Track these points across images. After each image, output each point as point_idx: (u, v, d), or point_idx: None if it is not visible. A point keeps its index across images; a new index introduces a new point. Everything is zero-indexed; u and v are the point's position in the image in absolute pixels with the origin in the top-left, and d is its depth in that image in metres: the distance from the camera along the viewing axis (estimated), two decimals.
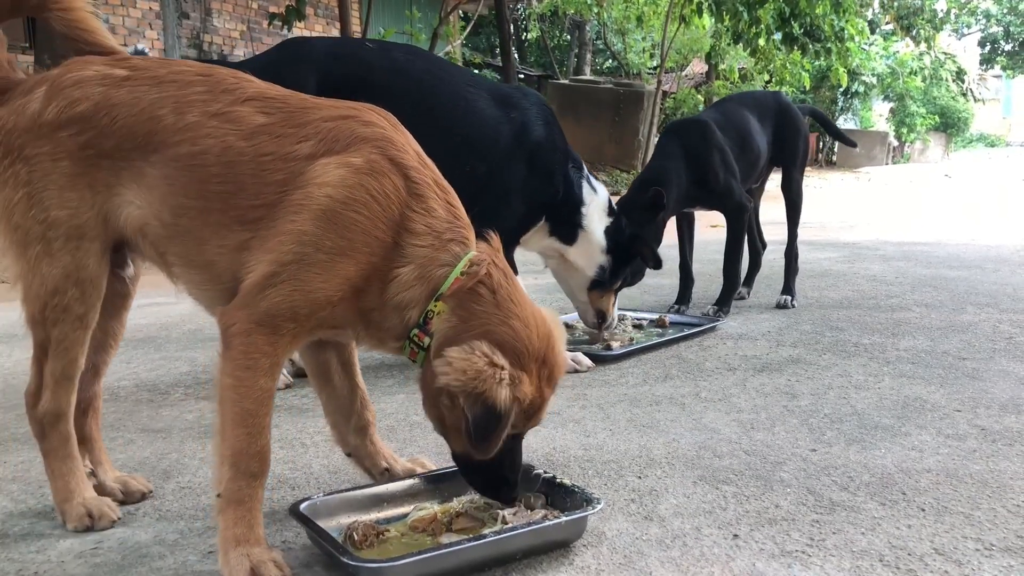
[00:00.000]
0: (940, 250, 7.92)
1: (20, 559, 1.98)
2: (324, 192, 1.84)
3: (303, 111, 1.96)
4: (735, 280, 4.97)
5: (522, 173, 3.71)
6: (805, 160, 5.38)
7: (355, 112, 1.98)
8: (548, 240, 4.00)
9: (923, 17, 27.49)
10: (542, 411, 1.96)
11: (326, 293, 1.83)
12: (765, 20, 14.02)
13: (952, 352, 3.86)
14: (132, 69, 2.03)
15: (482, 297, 1.91)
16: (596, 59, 30.56)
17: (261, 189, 1.88)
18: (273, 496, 2.33)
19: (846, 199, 16.38)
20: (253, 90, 2.00)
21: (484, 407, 1.80)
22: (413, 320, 1.93)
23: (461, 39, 16.59)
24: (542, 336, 1.93)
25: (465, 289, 1.91)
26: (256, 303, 1.82)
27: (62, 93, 1.98)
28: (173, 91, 1.98)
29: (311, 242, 1.82)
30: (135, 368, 3.95)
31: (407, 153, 1.94)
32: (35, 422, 2.12)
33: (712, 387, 3.38)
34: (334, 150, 1.89)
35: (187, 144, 1.92)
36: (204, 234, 1.93)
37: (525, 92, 3.97)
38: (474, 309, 1.90)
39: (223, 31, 15.31)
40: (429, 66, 3.69)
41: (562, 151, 3.85)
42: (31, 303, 2.04)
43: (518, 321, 1.90)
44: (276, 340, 1.83)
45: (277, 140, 1.91)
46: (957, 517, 2.12)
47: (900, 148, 34.26)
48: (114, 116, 1.96)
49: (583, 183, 3.92)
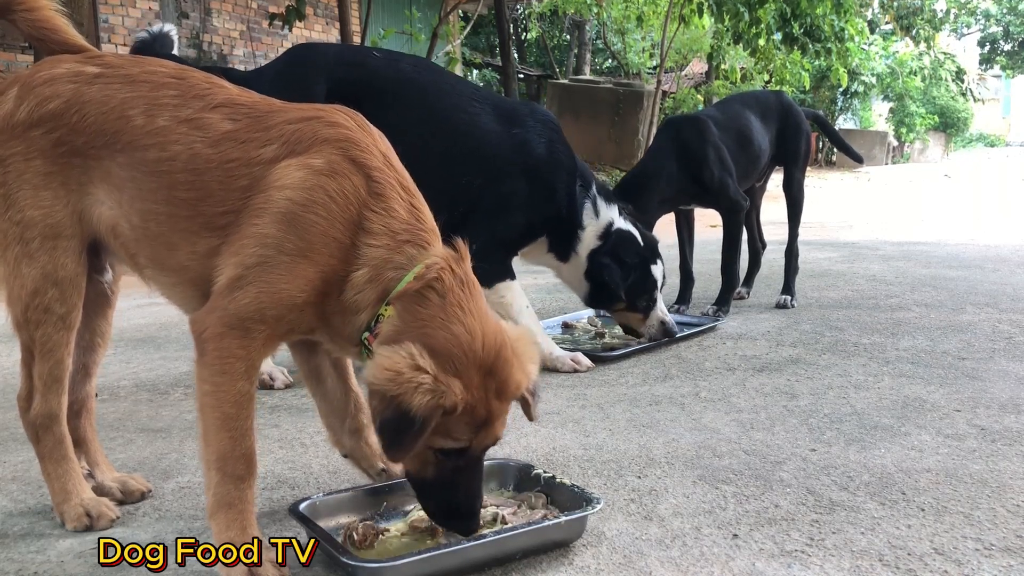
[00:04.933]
0: (940, 250, 7.92)
1: (20, 559, 1.98)
2: (284, 195, 1.82)
3: (269, 115, 1.95)
4: (734, 280, 4.97)
5: (520, 188, 3.73)
6: (807, 160, 5.38)
7: (320, 113, 1.95)
8: (546, 256, 4.03)
9: (922, 17, 27.51)
10: (494, 425, 1.85)
11: (290, 294, 1.81)
12: (765, 20, 14.01)
13: (952, 352, 3.86)
14: (104, 67, 2.02)
15: (429, 301, 1.82)
16: (596, 59, 30.55)
17: (227, 195, 1.87)
18: (273, 496, 2.33)
19: (846, 199, 16.38)
20: (223, 96, 1.99)
21: (395, 410, 1.71)
22: (363, 323, 1.88)
23: (461, 39, 16.57)
24: (489, 347, 1.81)
25: (412, 292, 1.83)
26: (224, 307, 1.81)
27: (33, 92, 1.98)
28: (145, 91, 1.97)
29: (273, 244, 1.81)
30: (134, 368, 3.95)
31: (370, 153, 1.91)
32: (29, 426, 2.11)
33: (712, 387, 3.38)
34: (296, 152, 1.87)
35: (155, 149, 1.92)
36: (174, 239, 1.93)
37: (533, 109, 3.97)
38: (418, 312, 1.82)
39: (222, 31, 15.30)
40: (435, 78, 3.73)
41: (567, 170, 3.85)
42: (14, 305, 2.04)
43: (461, 327, 1.80)
44: (248, 343, 1.82)
45: (242, 146, 1.90)
46: (957, 517, 2.12)
47: (900, 148, 34.24)
48: (84, 113, 1.95)
49: (587, 205, 3.91)
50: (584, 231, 3.91)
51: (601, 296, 4.04)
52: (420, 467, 1.88)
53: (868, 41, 26.36)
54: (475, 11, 16.42)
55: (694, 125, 4.85)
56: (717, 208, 4.92)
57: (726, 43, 17.70)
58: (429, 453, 1.83)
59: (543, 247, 3.99)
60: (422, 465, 1.87)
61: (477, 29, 25.46)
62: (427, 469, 1.87)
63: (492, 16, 21.15)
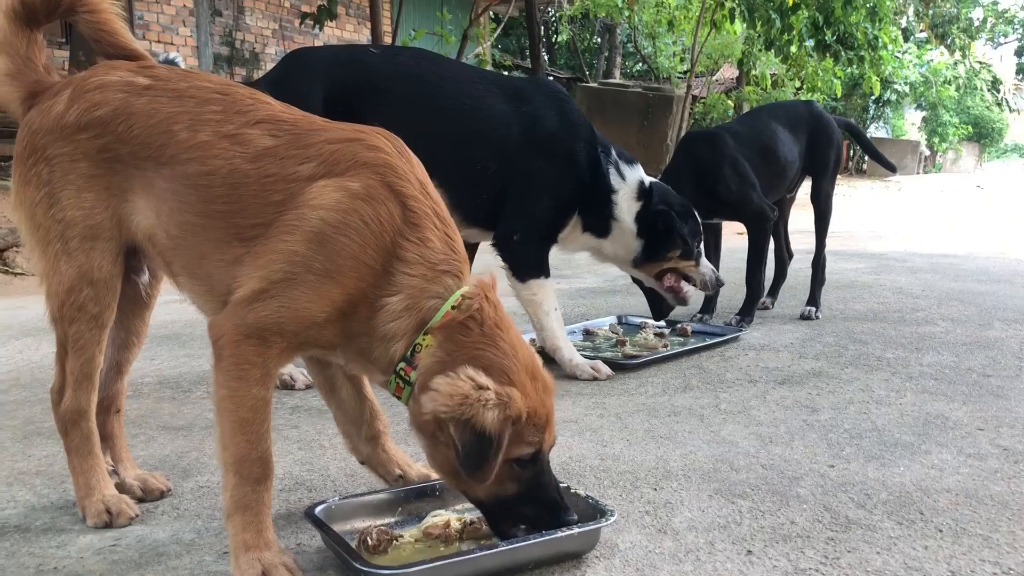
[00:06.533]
0: (969, 263, 7.83)
1: (41, 553, 2.01)
2: (318, 215, 1.84)
3: (309, 133, 1.97)
4: (758, 290, 4.95)
5: (540, 167, 3.68)
6: (836, 171, 5.34)
7: (361, 136, 1.97)
8: (583, 237, 3.96)
9: (958, 26, 27.22)
10: (552, 422, 1.93)
11: (312, 313, 1.83)
12: (798, 27, 13.94)
13: (977, 369, 3.82)
14: (154, 79, 2.06)
15: (471, 330, 1.87)
16: (626, 62, 30.49)
17: (261, 209, 1.89)
18: (290, 498, 2.35)
19: (876, 209, 16.25)
20: (265, 112, 2.01)
21: (472, 433, 1.76)
22: (399, 353, 1.89)
23: (491, 41, 16.60)
24: (527, 354, 1.92)
25: (455, 323, 1.87)
26: (244, 316, 1.83)
27: (84, 96, 2.02)
28: (190, 107, 2.00)
29: (301, 263, 1.82)
30: (159, 365, 3.99)
31: (408, 181, 1.92)
32: (59, 420, 2.16)
33: (732, 399, 3.37)
34: (334, 172, 1.89)
35: (196, 163, 1.95)
36: (205, 249, 1.96)
37: (538, 84, 3.95)
38: (462, 341, 1.87)
39: (255, 29, 15.45)
40: (435, 67, 3.68)
41: (584, 139, 3.80)
42: (51, 300, 2.10)
43: (504, 342, 1.88)
44: (265, 351, 1.84)
45: (281, 162, 1.92)
46: (975, 539, 2.09)
47: (932, 157, 33.92)
48: (131, 124, 1.99)
49: (611, 170, 3.86)
50: (617, 195, 3.86)
51: (659, 246, 3.97)
52: (499, 487, 1.89)
53: (902, 49, 26.13)
54: (506, 13, 16.46)
55: (707, 141, 4.89)
56: (741, 220, 4.91)
57: (757, 49, 17.63)
58: (507, 468, 1.86)
59: (578, 229, 3.93)
60: (501, 485, 1.88)
61: (508, 31, 25.48)
62: (507, 487, 1.90)
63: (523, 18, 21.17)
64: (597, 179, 3.83)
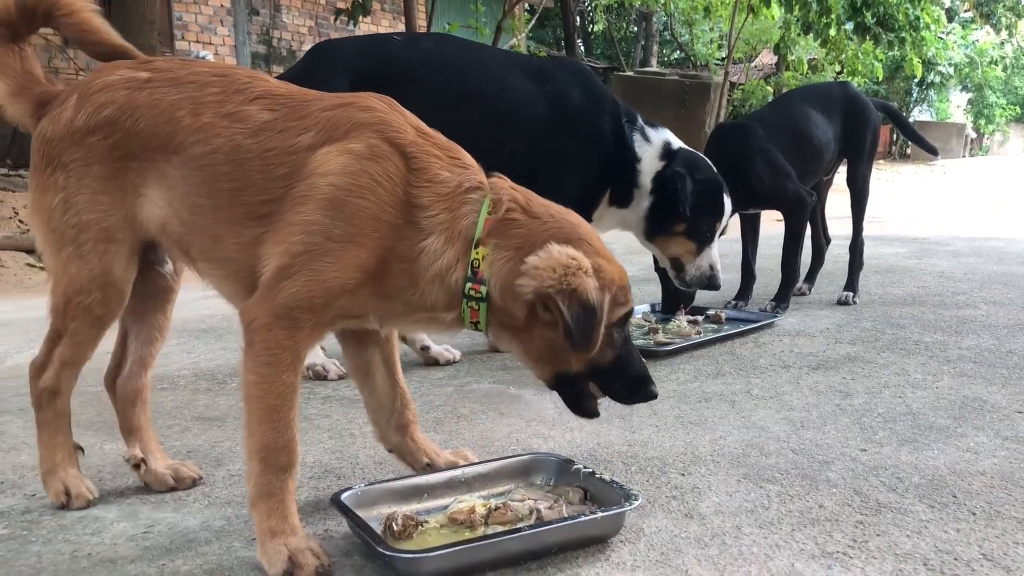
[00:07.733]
0: (1014, 246, 7.67)
1: (75, 540, 2.06)
2: (327, 181, 1.86)
3: (305, 104, 2.00)
4: (793, 276, 4.89)
5: (570, 144, 3.66)
6: (873, 152, 5.24)
7: (353, 99, 2.00)
8: (610, 211, 3.92)
9: (1004, 4, 26.56)
10: (629, 291, 2.00)
11: (340, 281, 1.85)
12: (836, 9, 13.72)
13: (1018, 351, 3.74)
14: (154, 71, 2.09)
15: (518, 221, 1.93)
16: (663, 50, 30.27)
17: (268, 184, 1.92)
18: (319, 485, 2.37)
19: (919, 193, 15.97)
20: (262, 88, 2.04)
21: (580, 303, 1.82)
22: (460, 278, 1.92)
23: (526, 32, 16.57)
24: (576, 219, 2.02)
25: (499, 223, 1.92)
26: (273, 297, 1.85)
27: (90, 99, 2.06)
28: (191, 92, 2.03)
29: (320, 231, 1.84)
30: (195, 358, 4.05)
31: (404, 131, 1.94)
32: (34, 394, 2.22)
33: (764, 384, 3.34)
34: (334, 138, 1.91)
35: (200, 144, 1.97)
36: (219, 230, 1.98)
37: (562, 63, 3.94)
38: (517, 232, 1.92)
39: (291, 27, 15.58)
40: (459, 51, 3.69)
41: (609, 112, 3.79)
42: (56, 295, 2.13)
43: (551, 217, 1.96)
44: (296, 334, 1.86)
45: (280, 135, 1.95)
46: (1009, 522, 2.06)
47: (978, 140, 33.23)
48: (137, 118, 2.02)
49: (635, 136, 3.82)
50: (641, 162, 3.82)
51: (664, 214, 3.86)
52: (600, 355, 1.97)
53: (945, 30, 25.60)
54: (541, 4, 16.40)
55: (736, 133, 4.87)
56: (778, 208, 4.86)
57: (796, 33, 17.37)
58: (606, 335, 1.94)
59: (606, 204, 3.89)
60: (600, 352, 1.96)
61: (543, 22, 25.43)
62: (606, 353, 1.98)
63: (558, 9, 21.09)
64: (622, 150, 3.80)
